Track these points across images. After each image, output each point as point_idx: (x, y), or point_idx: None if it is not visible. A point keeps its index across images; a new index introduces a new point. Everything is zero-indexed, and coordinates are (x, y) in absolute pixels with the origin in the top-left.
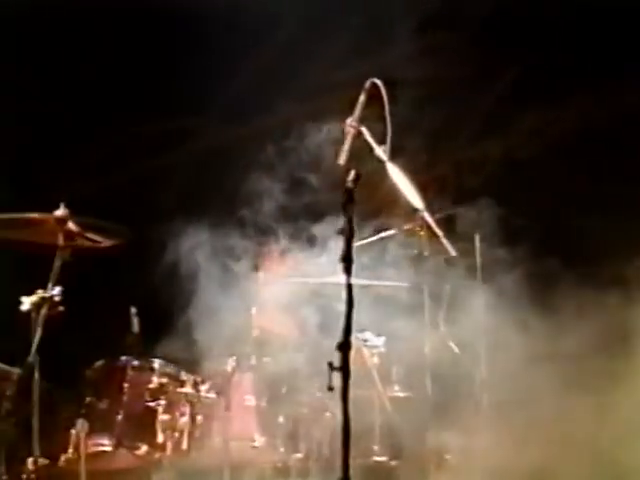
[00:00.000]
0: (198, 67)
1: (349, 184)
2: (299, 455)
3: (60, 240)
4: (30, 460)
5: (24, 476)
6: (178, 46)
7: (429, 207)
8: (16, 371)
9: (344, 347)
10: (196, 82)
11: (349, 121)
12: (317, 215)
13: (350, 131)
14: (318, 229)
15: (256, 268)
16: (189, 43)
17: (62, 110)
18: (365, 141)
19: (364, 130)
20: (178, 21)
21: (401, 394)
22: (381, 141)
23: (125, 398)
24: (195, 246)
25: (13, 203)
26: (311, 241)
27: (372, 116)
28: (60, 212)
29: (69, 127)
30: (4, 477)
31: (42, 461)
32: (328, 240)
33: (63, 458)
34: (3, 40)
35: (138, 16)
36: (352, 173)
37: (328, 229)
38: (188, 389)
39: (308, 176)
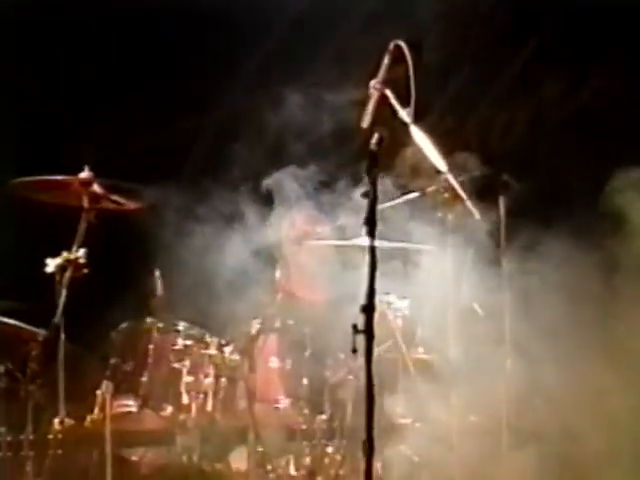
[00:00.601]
0: (223, 36)
1: (373, 147)
2: (323, 417)
3: (85, 202)
4: (56, 421)
5: (51, 436)
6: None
7: (453, 170)
8: (42, 333)
9: (368, 310)
10: (221, 50)
11: (373, 84)
12: (339, 179)
13: (374, 94)
14: (342, 193)
15: (281, 231)
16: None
17: (89, 75)
18: (389, 104)
19: (388, 93)
20: None
21: (425, 356)
22: (405, 104)
23: (150, 360)
24: (219, 209)
25: (39, 166)
26: (335, 204)
27: (396, 78)
28: (85, 174)
29: (96, 92)
30: (31, 437)
31: (68, 422)
32: (352, 203)
33: (89, 419)
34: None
35: None
36: (376, 136)
37: (352, 193)
38: (212, 351)
39: (331, 140)
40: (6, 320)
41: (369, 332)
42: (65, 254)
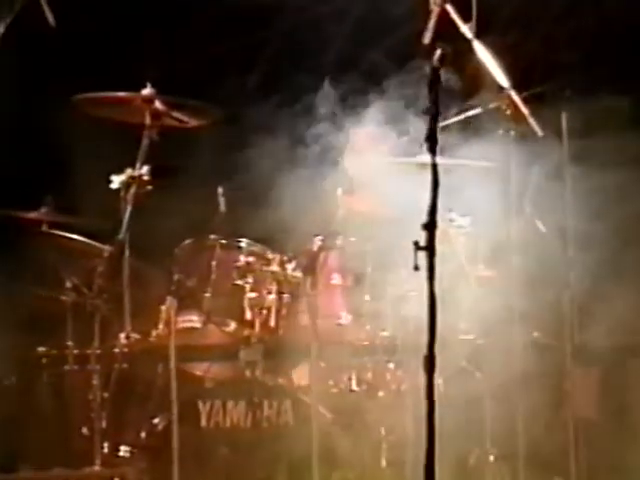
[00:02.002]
0: None
1: (435, 63)
2: (385, 333)
3: (147, 119)
4: (122, 335)
5: (117, 350)
6: None
7: (516, 85)
8: (107, 248)
9: (430, 227)
10: None
11: None
12: (401, 95)
13: (434, 9)
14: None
15: (344, 149)
16: None
17: None
18: (451, 19)
19: (449, 8)
20: None
21: (487, 272)
22: (467, 19)
23: (213, 276)
24: (280, 127)
25: (102, 82)
26: (397, 121)
27: None
28: (147, 91)
29: (156, 10)
30: (97, 351)
31: (134, 336)
32: (414, 120)
33: (154, 333)
34: None
35: None
36: (438, 52)
37: (414, 108)
38: (275, 267)
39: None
40: (72, 236)
41: (431, 249)
42: (129, 171)
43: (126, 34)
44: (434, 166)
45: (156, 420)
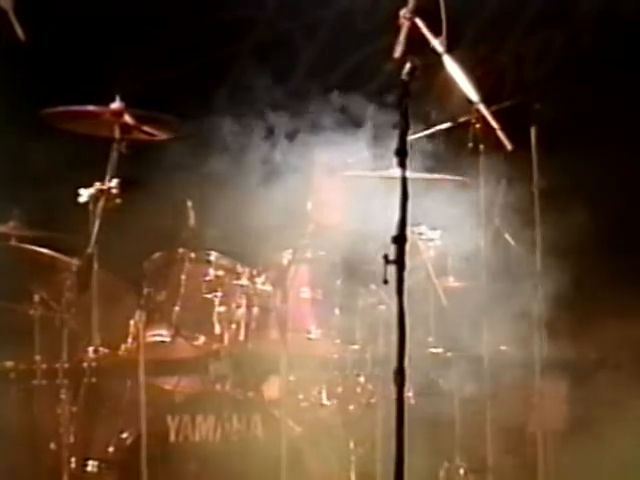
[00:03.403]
0: None
1: (404, 77)
2: (355, 347)
3: (116, 133)
4: (91, 349)
5: (85, 364)
6: None
7: (486, 99)
8: (76, 262)
9: (399, 240)
10: None
11: (403, 13)
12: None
13: (405, 23)
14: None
15: (313, 163)
16: None
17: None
18: (421, 33)
19: (419, 22)
20: None
21: (456, 284)
22: (437, 33)
23: (182, 290)
24: (249, 139)
25: (71, 97)
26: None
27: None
28: (116, 105)
29: (126, 23)
30: (66, 365)
31: (102, 350)
32: (383, 133)
33: (123, 347)
34: None
35: None
36: (407, 66)
37: (385, 122)
38: (244, 281)
39: (364, 69)
40: (41, 250)
41: (400, 262)
42: (98, 184)
43: (95, 49)
44: (403, 180)
45: (124, 434)
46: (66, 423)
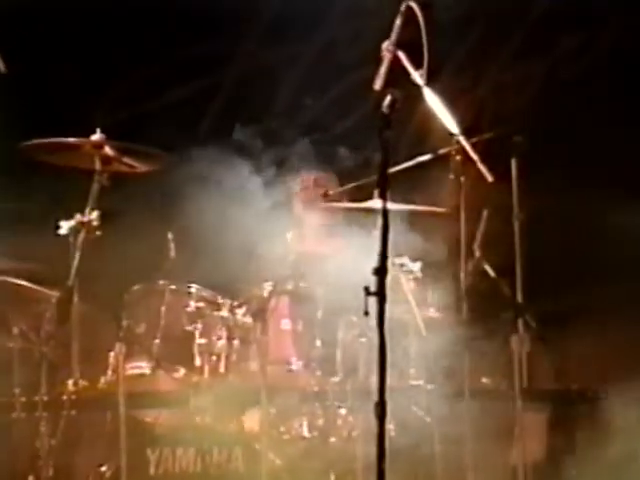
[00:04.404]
0: None
1: (385, 109)
2: (336, 379)
3: (97, 165)
4: (70, 382)
5: (64, 397)
6: None
7: (466, 131)
8: (55, 294)
9: (380, 272)
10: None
11: (385, 45)
12: (353, 141)
13: (386, 55)
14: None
15: (292, 195)
16: None
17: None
18: (402, 66)
19: (401, 54)
20: None
21: (436, 315)
22: (418, 65)
23: (162, 322)
24: (229, 171)
25: (51, 129)
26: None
27: (409, 40)
28: (97, 137)
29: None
30: (45, 398)
31: (82, 383)
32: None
33: (102, 380)
34: None
35: None
36: (388, 98)
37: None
38: (225, 313)
39: (346, 102)
40: (20, 282)
41: (381, 294)
42: (78, 216)
43: (76, 81)
44: (384, 211)
45: (104, 468)
46: (45, 456)
